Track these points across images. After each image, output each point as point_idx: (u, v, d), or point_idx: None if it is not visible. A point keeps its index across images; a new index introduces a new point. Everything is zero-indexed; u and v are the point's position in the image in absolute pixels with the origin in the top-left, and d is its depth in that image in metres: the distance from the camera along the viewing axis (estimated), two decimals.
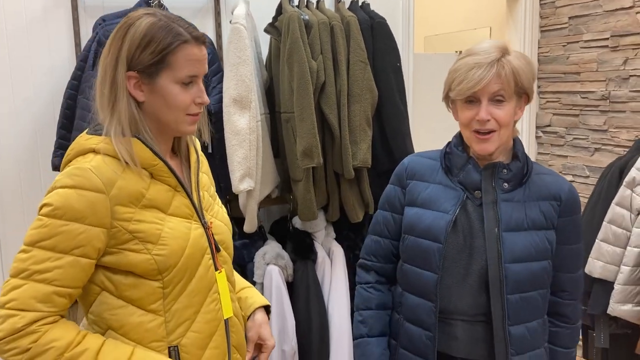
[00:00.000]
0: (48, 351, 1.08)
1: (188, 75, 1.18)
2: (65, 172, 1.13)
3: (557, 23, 3.45)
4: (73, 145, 1.19)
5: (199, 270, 1.22)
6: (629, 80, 3.04)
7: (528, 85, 1.39)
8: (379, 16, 2.61)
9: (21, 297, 1.07)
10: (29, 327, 1.07)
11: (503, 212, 1.40)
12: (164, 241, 1.16)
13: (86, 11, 2.49)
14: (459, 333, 1.43)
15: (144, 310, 1.17)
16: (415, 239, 1.48)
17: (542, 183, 1.44)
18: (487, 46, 1.39)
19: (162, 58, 1.15)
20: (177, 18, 1.21)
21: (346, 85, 2.42)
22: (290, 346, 2.44)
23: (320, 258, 2.58)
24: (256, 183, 2.34)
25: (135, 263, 1.14)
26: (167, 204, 1.20)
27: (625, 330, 2.42)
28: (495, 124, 1.37)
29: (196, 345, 1.22)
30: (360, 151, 2.43)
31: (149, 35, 1.14)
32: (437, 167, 1.52)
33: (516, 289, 1.37)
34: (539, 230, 1.40)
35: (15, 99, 2.44)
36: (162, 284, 1.17)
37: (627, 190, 2.33)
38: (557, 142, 3.52)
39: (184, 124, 1.21)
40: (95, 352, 1.11)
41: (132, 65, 1.15)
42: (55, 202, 1.10)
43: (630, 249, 2.30)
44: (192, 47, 1.18)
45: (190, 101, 1.20)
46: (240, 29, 2.27)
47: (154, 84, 1.16)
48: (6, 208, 2.47)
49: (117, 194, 1.12)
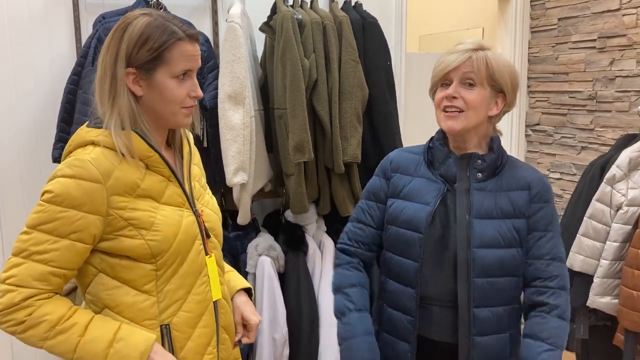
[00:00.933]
0: (41, 324, 1.17)
1: (183, 70, 1.26)
2: (66, 162, 1.22)
3: (547, 24, 3.53)
4: (74, 137, 1.27)
5: (190, 255, 1.31)
6: (615, 81, 3.12)
7: (503, 82, 1.47)
8: (371, 16, 2.69)
9: (20, 274, 1.17)
10: (24, 302, 1.17)
11: (475, 200, 1.48)
12: (157, 227, 1.24)
13: (87, 9, 2.58)
14: (435, 317, 1.51)
15: (137, 290, 1.26)
16: (397, 229, 1.56)
17: (514, 175, 1.53)
18: (469, 41, 1.50)
19: (159, 55, 1.23)
20: (172, 17, 1.29)
21: (337, 83, 2.50)
22: (281, 334, 2.52)
23: (311, 250, 2.67)
24: (249, 176, 2.42)
25: (130, 248, 1.23)
26: (161, 194, 1.28)
27: (604, 322, 2.50)
28: (462, 104, 1.46)
29: (186, 324, 1.30)
30: (350, 147, 2.51)
31: (146, 34, 1.23)
32: (420, 161, 1.60)
33: (483, 274, 1.45)
34: (508, 219, 1.48)
35: (17, 92, 2.52)
36: (155, 266, 1.26)
37: (607, 186, 2.41)
38: (545, 140, 3.61)
39: (179, 116, 1.29)
40: (84, 326, 1.20)
41: (131, 62, 1.23)
42: (55, 189, 1.19)
43: (610, 244, 2.38)
44: (186, 44, 1.26)
45: (186, 94, 1.28)
46: (235, 28, 2.35)
47: (151, 79, 1.25)
48: (7, 198, 2.56)
49: (114, 184, 1.21)
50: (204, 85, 2.51)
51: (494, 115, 1.51)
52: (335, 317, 1.61)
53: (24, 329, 1.18)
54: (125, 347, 1.20)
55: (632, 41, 3.01)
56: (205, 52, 2.51)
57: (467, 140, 1.52)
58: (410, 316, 1.52)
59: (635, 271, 2.25)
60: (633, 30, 3.00)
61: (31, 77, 2.54)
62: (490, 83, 1.47)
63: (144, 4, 2.45)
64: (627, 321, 2.29)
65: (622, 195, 2.37)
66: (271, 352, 2.52)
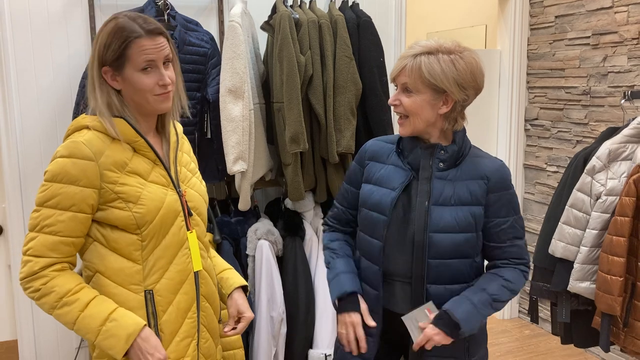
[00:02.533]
0: (51, 294, 1.37)
1: (144, 63, 1.42)
2: (63, 145, 1.41)
3: (545, 22, 3.64)
4: (72, 123, 1.47)
5: (172, 229, 1.48)
6: (608, 77, 3.22)
7: (442, 85, 1.55)
8: (366, 15, 2.84)
9: (36, 245, 1.37)
10: (41, 272, 1.37)
11: (434, 188, 1.61)
12: (143, 202, 1.42)
13: (101, 10, 2.78)
14: (397, 292, 1.66)
15: (125, 258, 1.44)
16: (367, 211, 1.71)
17: (474, 165, 1.64)
18: (423, 43, 1.59)
19: (122, 53, 1.40)
20: (138, 16, 1.45)
21: (332, 78, 2.66)
22: (278, 313, 2.70)
23: (308, 235, 2.84)
24: (249, 165, 2.60)
25: (119, 218, 1.41)
26: (147, 174, 1.46)
27: (586, 307, 2.61)
28: (403, 110, 1.60)
29: (168, 290, 1.48)
30: (344, 138, 2.67)
31: (111, 36, 1.41)
32: (392, 150, 1.74)
33: (437, 255, 1.58)
34: (464, 206, 1.60)
35: (38, 87, 2.74)
36: (140, 237, 1.44)
37: (587, 177, 2.52)
38: (543, 134, 3.71)
39: (155, 102, 1.46)
40: (85, 303, 1.38)
41: (104, 62, 1.42)
42: (54, 169, 1.38)
43: (589, 231, 2.50)
44: (144, 39, 1.41)
45: (154, 84, 1.43)
46: (235, 27, 2.53)
47: (123, 74, 1.43)
48: (30, 183, 2.78)
49: (105, 161, 1.39)
50: (208, 80, 2.69)
51: (445, 112, 1.60)
52: (326, 268, 1.80)
53: (39, 296, 1.38)
54: (116, 327, 1.38)
55: (624, 38, 3.10)
56: (209, 50, 2.70)
57: (427, 134, 1.64)
58: (377, 291, 1.67)
59: (610, 256, 2.37)
60: (624, 27, 3.10)
61: (51, 72, 2.76)
62: (429, 87, 1.56)
63: (153, 4, 2.64)
64: (603, 304, 2.40)
65: (601, 185, 2.48)
66: (269, 330, 2.70)
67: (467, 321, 1.54)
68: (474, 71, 1.57)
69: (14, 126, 2.72)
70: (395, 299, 1.67)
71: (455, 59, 1.56)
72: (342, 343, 1.68)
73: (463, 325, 1.53)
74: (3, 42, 2.66)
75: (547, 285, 2.68)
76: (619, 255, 2.35)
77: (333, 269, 1.74)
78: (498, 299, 1.61)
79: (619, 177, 2.47)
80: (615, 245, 2.35)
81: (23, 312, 2.84)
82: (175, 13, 2.67)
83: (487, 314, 1.60)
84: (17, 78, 2.71)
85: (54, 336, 2.92)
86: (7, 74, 2.68)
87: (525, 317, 3.98)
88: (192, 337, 1.53)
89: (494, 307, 1.60)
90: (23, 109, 2.74)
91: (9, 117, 2.71)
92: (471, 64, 1.57)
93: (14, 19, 2.68)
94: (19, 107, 2.73)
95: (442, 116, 1.61)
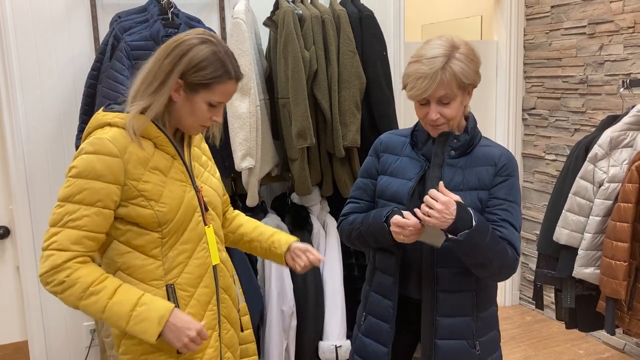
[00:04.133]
0: (76, 284, 1.37)
1: (219, 102, 1.48)
2: (87, 141, 1.42)
3: (541, 12, 3.68)
4: (92, 120, 1.48)
5: (190, 225, 1.51)
6: (604, 65, 3.27)
7: (470, 81, 1.61)
8: (367, 9, 2.86)
9: (59, 240, 1.38)
10: (65, 264, 1.37)
11: (445, 173, 1.67)
12: (164, 200, 1.45)
13: (104, 9, 2.78)
14: (412, 278, 1.72)
15: (145, 255, 1.47)
16: (384, 202, 1.75)
17: (483, 153, 1.70)
18: (432, 53, 1.59)
19: (208, 83, 1.44)
20: (232, 55, 1.48)
21: (336, 73, 2.68)
22: (289, 306, 2.73)
23: (315, 229, 2.87)
24: (256, 161, 2.62)
25: (141, 215, 1.43)
26: (168, 170, 1.49)
27: (590, 292, 2.68)
28: (444, 119, 1.63)
29: (189, 284, 1.51)
30: (349, 132, 2.70)
31: (207, 62, 1.43)
32: (407, 143, 1.79)
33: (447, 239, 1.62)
34: (472, 191, 1.66)
35: (42, 87, 2.74)
36: (161, 235, 1.46)
37: (590, 165, 2.57)
38: (541, 123, 3.76)
39: (195, 130, 1.52)
40: (112, 290, 1.40)
41: (183, 76, 1.43)
42: (80, 165, 1.39)
43: (592, 218, 2.55)
44: (232, 83, 1.48)
45: (209, 118, 1.49)
46: (240, 24, 2.54)
47: (192, 96, 1.45)
48: (35, 182, 2.79)
49: (129, 157, 1.41)
50: None
51: (467, 103, 1.68)
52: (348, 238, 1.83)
53: (63, 288, 1.38)
54: (147, 311, 1.40)
55: (619, 27, 3.15)
56: None
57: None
58: (393, 277, 1.73)
59: (613, 242, 2.43)
60: (620, 16, 3.14)
61: (55, 72, 2.76)
62: (461, 88, 1.61)
63: (156, 2, 2.64)
64: (608, 289, 2.46)
65: (603, 173, 2.53)
66: (280, 323, 2.73)
67: (479, 222, 1.53)
68: (477, 54, 1.64)
69: (19, 127, 2.72)
70: (410, 285, 1.73)
71: (465, 52, 1.61)
72: (401, 237, 1.60)
73: (476, 220, 1.52)
74: (6, 43, 2.65)
75: (551, 271, 2.73)
76: (622, 241, 2.40)
77: (364, 217, 1.75)
78: (501, 248, 1.59)
79: (621, 164, 2.53)
80: (619, 231, 2.41)
81: (33, 313, 2.85)
82: (179, 11, 2.67)
83: (490, 246, 1.56)
84: (21, 79, 2.71)
85: (64, 336, 2.93)
86: (11, 75, 2.67)
87: (525, 304, 4.04)
88: (214, 329, 1.57)
89: (495, 250, 1.57)
90: (28, 110, 2.74)
91: (14, 119, 2.70)
92: (471, 48, 1.64)
93: (17, 20, 2.67)
94: (23, 108, 2.72)
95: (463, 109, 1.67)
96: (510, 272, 1.64)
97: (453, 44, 1.60)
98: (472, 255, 1.56)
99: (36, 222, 2.81)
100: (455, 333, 1.68)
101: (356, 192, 1.86)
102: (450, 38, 1.63)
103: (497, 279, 1.67)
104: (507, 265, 1.61)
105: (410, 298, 1.73)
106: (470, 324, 1.69)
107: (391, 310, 1.72)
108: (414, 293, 1.72)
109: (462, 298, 1.68)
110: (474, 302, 1.70)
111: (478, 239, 1.53)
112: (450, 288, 1.67)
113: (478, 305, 1.70)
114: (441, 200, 1.51)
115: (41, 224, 2.82)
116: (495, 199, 1.66)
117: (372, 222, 1.69)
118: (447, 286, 1.67)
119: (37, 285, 2.85)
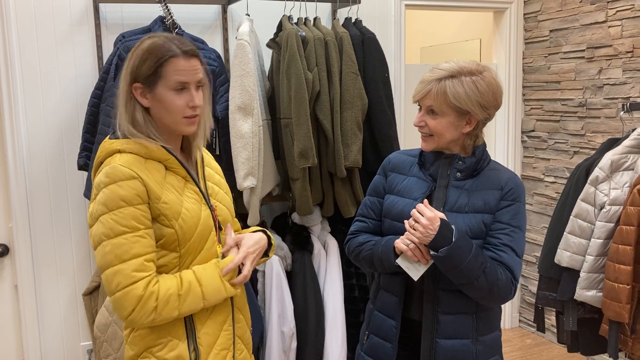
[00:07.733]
0: (169, 298, 1.38)
1: (178, 82, 1.44)
2: (102, 174, 1.41)
3: (540, 36, 3.72)
4: (100, 149, 1.47)
5: (206, 244, 1.50)
6: (603, 89, 3.30)
7: (462, 105, 1.61)
8: (370, 32, 2.89)
9: (123, 277, 1.35)
10: (146, 291, 1.35)
11: (450, 195, 1.67)
12: (184, 218, 1.44)
13: (107, 29, 2.80)
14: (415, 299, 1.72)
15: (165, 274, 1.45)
16: (391, 221, 1.75)
17: (491, 177, 1.70)
18: (443, 67, 1.64)
19: (156, 70, 1.42)
20: (176, 38, 1.47)
21: (339, 94, 2.70)
22: (289, 328, 2.71)
23: (316, 249, 2.86)
24: (258, 181, 2.62)
25: (163, 234, 1.42)
26: (181, 190, 1.48)
27: (592, 315, 2.66)
28: (428, 130, 1.66)
29: None
30: (351, 153, 2.71)
31: (147, 52, 1.43)
32: (415, 163, 1.80)
33: None
34: (477, 214, 1.65)
35: (45, 106, 2.75)
36: (178, 254, 1.46)
37: (591, 187, 2.58)
38: (540, 146, 3.78)
39: (181, 125, 1.47)
40: (196, 279, 1.42)
41: (137, 78, 1.44)
42: (105, 199, 1.37)
43: (594, 240, 2.55)
44: (180, 59, 1.44)
45: (184, 105, 1.45)
46: (244, 45, 2.56)
47: (154, 92, 1.44)
48: (37, 201, 2.78)
49: (146, 177, 1.41)
50: (216, 98, 2.72)
51: (468, 131, 1.67)
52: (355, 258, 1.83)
53: (159, 312, 1.37)
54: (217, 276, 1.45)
55: (618, 51, 3.19)
56: (217, 67, 2.72)
57: (448, 150, 1.71)
58: (397, 297, 1.72)
59: (616, 265, 2.42)
60: (618, 41, 3.18)
61: (58, 92, 2.77)
62: (454, 109, 1.62)
63: (161, 23, 2.66)
64: (610, 312, 2.45)
65: (604, 195, 2.54)
66: (280, 345, 2.71)
67: (459, 239, 1.54)
68: (495, 91, 1.64)
69: (21, 146, 2.72)
70: (412, 306, 1.73)
71: (477, 80, 1.62)
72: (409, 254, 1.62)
73: (455, 237, 1.53)
74: (11, 62, 2.66)
75: (553, 294, 2.72)
76: (625, 264, 2.40)
77: (376, 243, 1.75)
78: (487, 268, 1.58)
79: (622, 187, 2.53)
80: (622, 253, 2.40)
81: (30, 333, 2.82)
82: (183, 32, 2.70)
83: (473, 264, 1.55)
84: (24, 97, 2.71)
85: (61, 356, 2.90)
86: (14, 93, 2.68)
87: (525, 327, 4.02)
88: (229, 349, 1.55)
89: (480, 269, 1.56)
90: (30, 129, 2.74)
91: (15, 137, 2.70)
92: (492, 84, 1.63)
93: (21, 39, 2.69)
94: (25, 126, 2.73)
95: (465, 134, 1.67)
96: (505, 295, 1.63)
97: (469, 69, 1.62)
98: (455, 273, 1.57)
99: (35, 240, 2.80)
100: (454, 355, 1.67)
101: (363, 210, 1.87)
102: (474, 64, 1.64)
103: (492, 302, 1.66)
104: (500, 289, 1.60)
105: (413, 320, 1.72)
106: (470, 347, 1.68)
107: (394, 330, 1.72)
108: (416, 314, 1.72)
109: (462, 320, 1.67)
110: (474, 324, 1.69)
111: (459, 256, 1.54)
112: (450, 310, 1.66)
113: (478, 328, 1.69)
114: (427, 215, 1.55)
115: (40, 243, 2.81)
116: (499, 223, 1.65)
117: (382, 251, 1.70)
118: (448, 308, 1.66)
119: (34, 304, 2.82)
